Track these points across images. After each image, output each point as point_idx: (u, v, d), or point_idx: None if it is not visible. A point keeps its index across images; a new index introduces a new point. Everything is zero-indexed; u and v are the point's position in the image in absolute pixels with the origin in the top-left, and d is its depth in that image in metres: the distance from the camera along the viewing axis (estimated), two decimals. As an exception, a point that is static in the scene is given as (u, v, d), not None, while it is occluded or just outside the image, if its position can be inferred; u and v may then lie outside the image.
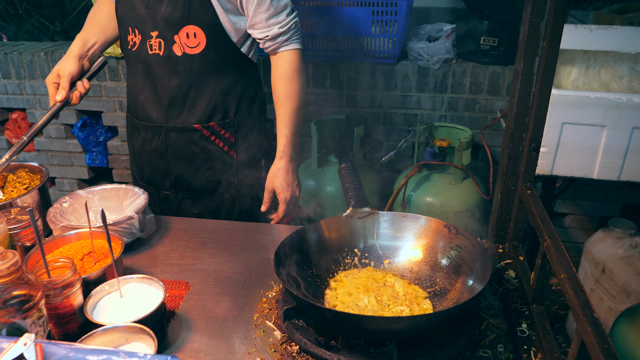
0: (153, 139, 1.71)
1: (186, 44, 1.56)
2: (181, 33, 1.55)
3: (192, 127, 1.67)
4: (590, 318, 0.82)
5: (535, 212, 1.15)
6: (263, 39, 1.60)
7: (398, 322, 0.98)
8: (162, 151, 1.71)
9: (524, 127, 1.24)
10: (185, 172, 1.73)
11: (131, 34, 1.62)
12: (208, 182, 1.74)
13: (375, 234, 1.32)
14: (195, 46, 1.57)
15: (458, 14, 3.17)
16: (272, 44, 1.61)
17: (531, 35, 1.14)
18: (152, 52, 1.60)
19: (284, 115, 1.64)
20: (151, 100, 1.67)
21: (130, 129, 1.80)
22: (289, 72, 1.63)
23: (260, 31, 1.59)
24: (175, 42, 1.57)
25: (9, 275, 0.89)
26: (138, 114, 1.73)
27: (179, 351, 1.08)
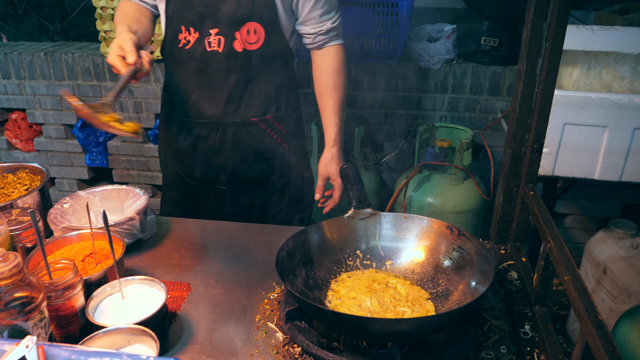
0: (210, 135, 1.71)
1: (246, 40, 1.59)
2: (242, 29, 1.58)
3: (250, 120, 1.70)
4: (594, 320, 0.82)
5: (538, 213, 1.15)
6: (315, 33, 1.68)
7: (400, 324, 0.98)
8: (219, 146, 1.72)
9: (527, 128, 1.23)
10: (242, 166, 1.76)
11: (184, 32, 1.61)
12: (262, 173, 1.78)
13: (377, 235, 1.32)
14: (255, 42, 1.60)
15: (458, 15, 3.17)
16: (322, 38, 1.69)
17: (534, 36, 1.14)
18: (210, 50, 1.60)
19: (333, 105, 1.73)
20: (207, 97, 1.67)
21: (176, 129, 1.77)
22: (338, 65, 1.72)
23: (313, 27, 1.67)
24: (236, 39, 1.58)
25: (11, 277, 0.89)
26: (188, 112, 1.71)
27: (181, 353, 1.08)
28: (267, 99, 1.70)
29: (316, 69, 1.75)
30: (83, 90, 3.20)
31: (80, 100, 1.23)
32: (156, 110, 3.23)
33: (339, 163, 1.76)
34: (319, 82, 1.74)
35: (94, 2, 2.94)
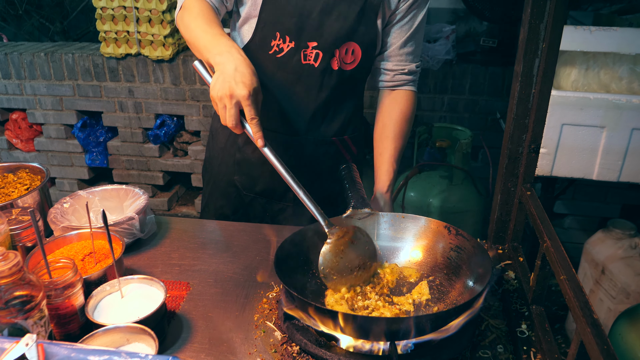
0: (286, 150, 1.62)
1: (343, 59, 1.53)
2: (342, 48, 1.51)
3: (330, 139, 1.64)
4: (589, 319, 0.83)
5: (535, 213, 1.16)
6: (396, 71, 1.61)
7: (398, 322, 0.98)
8: (295, 163, 1.58)
9: (524, 129, 1.24)
10: (313, 184, 1.60)
11: (278, 39, 1.51)
12: (331, 194, 1.66)
13: (375, 234, 1.33)
14: (351, 62, 1.54)
15: (458, 15, 3.18)
16: (402, 78, 1.62)
17: (531, 37, 1.14)
18: (305, 62, 1.52)
19: (394, 151, 1.63)
20: (291, 111, 1.59)
21: (246, 138, 1.61)
22: (408, 112, 1.64)
23: (396, 63, 1.60)
24: (334, 56, 1.51)
25: (11, 276, 0.90)
26: (267, 123, 1.57)
27: (180, 351, 1.09)
28: (348, 118, 1.65)
29: (384, 110, 1.65)
30: (83, 90, 3.21)
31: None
32: (156, 110, 3.23)
33: (391, 208, 1.66)
34: (383, 123, 1.65)
35: (94, 2, 2.95)
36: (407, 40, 1.57)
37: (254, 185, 1.70)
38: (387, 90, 1.66)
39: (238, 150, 1.68)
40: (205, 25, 1.33)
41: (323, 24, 1.48)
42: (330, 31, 1.49)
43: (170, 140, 3.32)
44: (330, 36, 1.49)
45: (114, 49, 3.06)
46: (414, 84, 1.66)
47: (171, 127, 3.25)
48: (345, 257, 1.22)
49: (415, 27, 1.57)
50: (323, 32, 1.49)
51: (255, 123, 1.23)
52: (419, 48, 1.62)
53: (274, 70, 1.55)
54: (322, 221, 1.23)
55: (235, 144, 1.68)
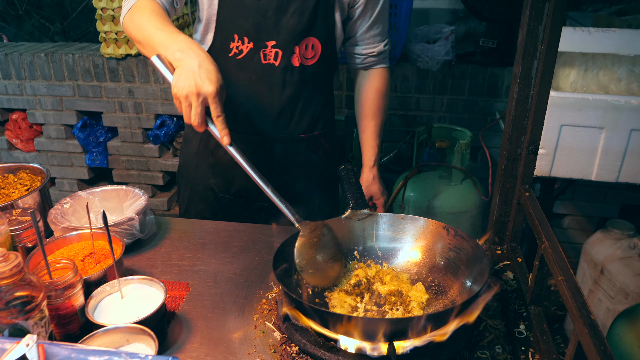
0: (257, 150, 1.64)
1: (304, 55, 1.54)
2: (301, 44, 1.52)
3: (299, 137, 1.66)
4: (587, 320, 0.83)
5: (533, 214, 1.16)
6: (366, 54, 1.67)
7: (396, 323, 0.99)
8: (266, 163, 1.65)
9: (522, 130, 1.25)
10: (286, 182, 1.68)
11: (237, 41, 1.52)
12: (306, 190, 1.73)
13: (374, 235, 1.33)
14: (311, 57, 1.56)
15: (457, 16, 3.18)
16: (373, 59, 1.69)
17: (529, 38, 1.15)
18: (265, 62, 1.53)
19: (375, 127, 1.74)
20: (257, 111, 1.60)
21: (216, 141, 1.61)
22: (383, 89, 1.73)
23: (365, 47, 1.66)
24: (294, 53, 1.53)
25: (12, 276, 0.90)
26: (234, 125, 1.57)
27: (180, 352, 1.09)
28: (316, 115, 1.67)
29: (361, 89, 1.73)
30: (83, 90, 3.21)
31: None
32: (156, 111, 3.24)
33: (380, 182, 1.77)
34: (362, 103, 1.74)
35: (94, 2, 2.96)
36: (372, 24, 1.62)
37: (229, 187, 1.72)
38: (360, 71, 1.74)
39: (211, 154, 1.70)
40: (160, 24, 1.28)
41: (279, 21, 1.49)
42: (288, 28, 1.50)
43: (170, 140, 3.33)
44: (288, 33, 1.50)
45: (114, 49, 3.06)
46: (385, 60, 1.73)
47: (171, 128, 3.25)
48: (319, 250, 1.23)
49: (378, 10, 1.62)
50: (280, 30, 1.50)
51: (221, 120, 1.22)
52: (384, 28, 1.67)
53: (236, 73, 1.56)
54: (291, 217, 1.24)
55: (208, 148, 1.70)
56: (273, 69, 1.54)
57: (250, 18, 1.49)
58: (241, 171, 1.64)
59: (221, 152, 1.68)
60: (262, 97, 1.59)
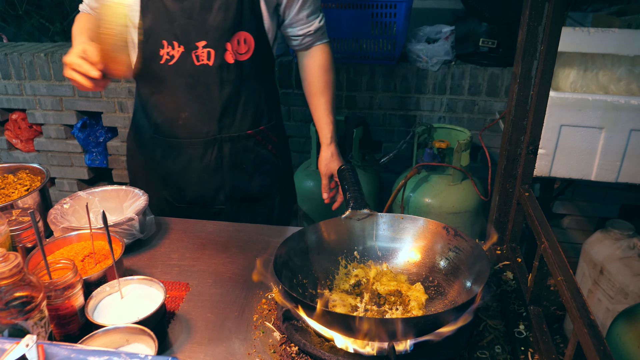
0: (205, 154, 1.65)
1: (237, 51, 1.54)
2: (233, 40, 1.52)
3: (246, 133, 1.66)
4: (586, 320, 0.83)
5: (533, 214, 1.16)
6: (303, 35, 1.67)
7: (396, 323, 0.99)
8: (216, 164, 1.66)
9: (522, 130, 1.25)
10: (240, 181, 1.71)
11: (166, 47, 1.52)
12: (262, 187, 1.74)
13: (374, 235, 1.33)
14: (246, 52, 1.56)
15: (457, 16, 3.18)
16: (311, 38, 1.69)
17: (529, 39, 1.15)
18: (199, 64, 1.53)
19: (326, 104, 1.73)
20: (199, 114, 1.60)
21: (162, 151, 1.68)
22: (327, 64, 1.72)
23: (301, 27, 1.66)
24: (226, 50, 1.53)
25: (11, 277, 0.90)
26: (177, 132, 1.64)
27: (179, 352, 1.09)
28: (260, 109, 1.68)
29: (305, 69, 1.73)
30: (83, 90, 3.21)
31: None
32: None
33: (340, 159, 1.76)
34: (309, 81, 1.73)
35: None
36: (302, 4, 1.62)
37: (184, 196, 1.73)
38: (301, 52, 1.73)
39: (159, 166, 1.70)
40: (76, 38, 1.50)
41: (206, 21, 1.49)
42: (216, 26, 1.50)
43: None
44: (217, 31, 1.50)
45: (114, 49, 3.06)
46: (324, 35, 1.72)
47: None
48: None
49: None
50: (208, 29, 1.50)
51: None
52: (316, 5, 1.67)
53: (172, 79, 1.56)
54: None
55: (155, 160, 1.70)
56: (208, 69, 1.54)
57: (175, 21, 1.49)
58: (194, 179, 1.68)
59: (169, 162, 1.69)
60: (202, 99, 1.58)
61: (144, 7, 1.50)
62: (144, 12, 1.50)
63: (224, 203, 1.73)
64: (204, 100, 1.59)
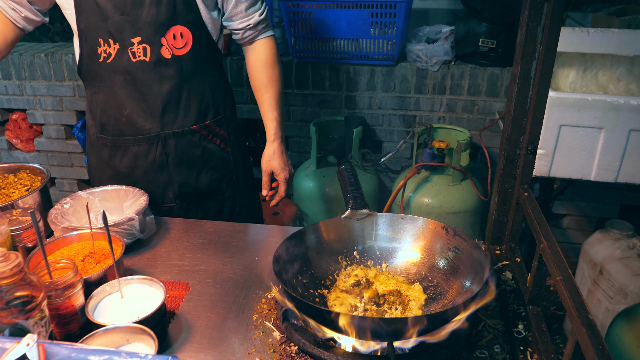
0: (149, 151, 1.63)
1: (173, 45, 1.52)
2: (168, 35, 1.51)
3: (190, 129, 1.64)
4: (585, 320, 0.83)
5: (532, 214, 1.17)
6: (243, 29, 1.64)
7: (396, 323, 0.99)
8: (162, 161, 1.65)
9: (521, 130, 1.25)
10: (188, 178, 1.70)
11: (103, 45, 1.51)
12: (211, 182, 1.73)
13: (373, 235, 1.33)
14: (183, 46, 1.54)
15: (457, 16, 3.19)
16: (251, 32, 1.66)
17: (528, 39, 1.15)
18: (135, 60, 1.52)
19: (270, 99, 1.71)
20: (140, 111, 1.59)
21: (109, 151, 1.67)
22: (270, 58, 1.70)
23: (240, 21, 1.63)
24: (162, 45, 1.51)
25: (12, 276, 0.90)
26: (122, 130, 1.62)
27: (179, 351, 1.10)
28: (205, 104, 1.66)
29: (249, 63, 1.72)
30: (83, 90, 3.21)
31: None
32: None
33: (282, 157, 1.74)
34: (253, 77, 1.72)
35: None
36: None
37: None
38: (245, 46, 1.72)
39: (107, 166, 1.70)
40: None
41: (139, 16, 1.48)
42: (149, 22, 1.49)
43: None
44: (151, 27, 1.49)
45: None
46: (266, 29, 1.70)
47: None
48: None
49: None
50: (142, 24, 1.49)
51: None
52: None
53: (110, 77, 1.56)
54: None
55: (104, 159, 1.70)
56: (145, 65, 1.53)
57: (109, 19, 1.49)
58: (141, 177, 1.67)
59: (117, 161, 1.68)
60: (142, 96, 1.57)
61: (77, 7, 1.50)
62: (78, 11, 1.50)
63: (173, 201, 1.72)
64: (144, 97, 1.57)
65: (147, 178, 1.67)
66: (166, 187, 1.70)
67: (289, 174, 1.78)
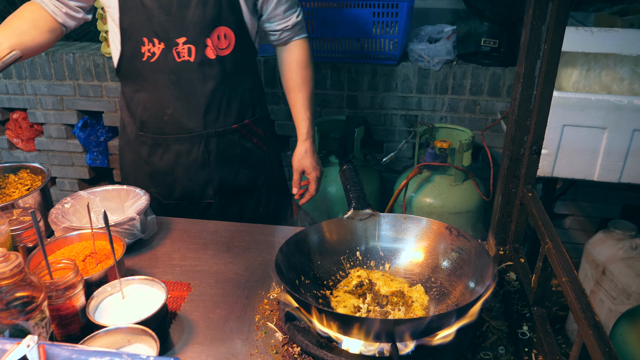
0: (192, 149, 1.66)
1: (218, 46, 1.55)
2: (212, 36, 1.53)
3: (231, 128, 1.67)
4: (591, 321, 0.83)
5: (537, 214, 1.16)
6: (281, 30, 1.68)
7: (399, 324, 0.98)
8: (203, 159, 1.67)
9: (525, 130, 1.24)
10: (228, 175, 1.72)
11: (147, 44, 1.53)
12: (249, 179, 1.77)
13: (376, 235, 1.33)
14: (226, 47, 1.56)
15: (458, 15, 3.18)
16: (289, 33, 1.70)
17: (533, 38, 1.14)
18: (180, 60, 1.54)
19: (303, 99, 1.74)
20: (184, 110, 1.61)
21: (148, 149, 1.68)
22: (305, 59, 1.74)
23: (279, 22, 1.67)
24: (207, 46, 1.53)
25: (12, 277, 0.90)
26: (164, 128, 1.64)
27: (181, 352, 1.09)
28: (244, 103, 1.69)
29: (284, 64, 1.75)
30: (84, 90, 3.21)
31: None
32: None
33: (313, 156, 1.77)
34: (287, 76, 1.75)
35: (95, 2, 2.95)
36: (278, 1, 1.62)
37: (172, 193, 1.73)
38: (279, 47, 1.75)
39: (146, 164, 1.70)
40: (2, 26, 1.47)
41: (185, 17, 1.50)
42: (195, 22, 1.50)
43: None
44: (196, 27, 1.51)
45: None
46: (302, 30, 1.74)
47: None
48: None
49: None
50: (188, 25, 1.50)
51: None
52: (293, 0, 1.68)
53: (154, 76, 1.57)
54: None
55: (142, 157, 1.70)
56: (190, 65, 1.55)
57: (154, 18, 1.50)
58: (182, 174, 1.69)
59: (156, 159, 1.69)
60: (186, 95, 1.59)
61: (122, 6, 1.51)
62: (122, 10, 1.52)
63: (212, 197, 1.74)
64: (188, 97, 1.59)
65: (188, 175, 1.70)
66: (206, 184, 1.72)
67: (320, 172, 1.81)
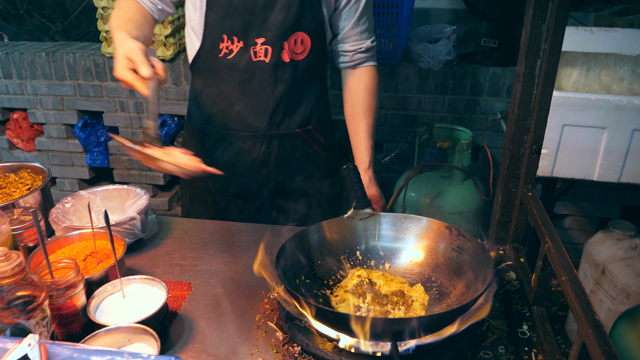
0: (254, 148, 1.66)
1: (293, 50, 1.55)
2: (290, 39, 1.54)
3: (294, 132, 1.67)
4: (591, 320, 0.83)
5: (537, 214, 1.16)
6: (354, 51, 1.66)
7: (400, 323, 0.98)
8: (263, 159, 1.67)
9: (525, 130, 1.24)
10: (285, 178, 1.71)
11: (226, 41, 1.55)
12: (305, 184, 1.74)
13: (376, 235, 1.33)
14: (301, 52, 1.57)
15: (458, 15, 3.18)
16: (361, 56, 1.67)
17: (533, 37, 1.14)
18: (255, 60, 1.55)
19: (367, 127, 1.70)
20: (251, 109, 1.62)
21: (212, 142, 1.69)
22: (372, 86, 1.70)
23: (353, 43, 1.65)
24: (283, 49, 1.54)
25: (13, 276, 0.90)
26: (229, 124, 1.65)
27: (182, 352, 1.09)
28: (310, 109, 1.68)
29: (350, 89, 1.71)
30: (84, 90, 3.21)
31: (131, 142, 1.18)
32: (157, 110, 3.23)
33: (377, 185, 1.73)
34: (352, 102, 1.71)
35: (95, 2, 2.95)
36: (358, 19, 1.61)
37: (228, 188, 1.73)
38: (347, 70, 1.71)
39: (208, 156, 1.70)
40: (115, 32, 1.39)
41: (267, 18, 1.51)
42: (276, 24, 1.51)
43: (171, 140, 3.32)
44: (277, 29, 1.52)
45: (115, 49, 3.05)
46: (373, 58, 1.71)
47: (172, 127, 3.25)
48: None
49: (363, 5, 1.61)
50: (269, 26, 1.52)
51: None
52: (371, 24, 1.67)
53: (228, 73, 1.59)
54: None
55: (205, 150, 1.70)
56: (264, 66, 1.56)
57: (238, 17, 1.51)
58: (241, 171, 1.68)
59: (218, 152, 1.69)
60: (255, 95, 1.60)
61: (209, 1, 1.52)
62: (209, 5, 1.53)
63: (266, 198, 1.74)
64: (257, 96, 1.60)
65: (246, 173, 1.70)
66: (263, 185, 1.72)
67: (385, 200, 1.77)
